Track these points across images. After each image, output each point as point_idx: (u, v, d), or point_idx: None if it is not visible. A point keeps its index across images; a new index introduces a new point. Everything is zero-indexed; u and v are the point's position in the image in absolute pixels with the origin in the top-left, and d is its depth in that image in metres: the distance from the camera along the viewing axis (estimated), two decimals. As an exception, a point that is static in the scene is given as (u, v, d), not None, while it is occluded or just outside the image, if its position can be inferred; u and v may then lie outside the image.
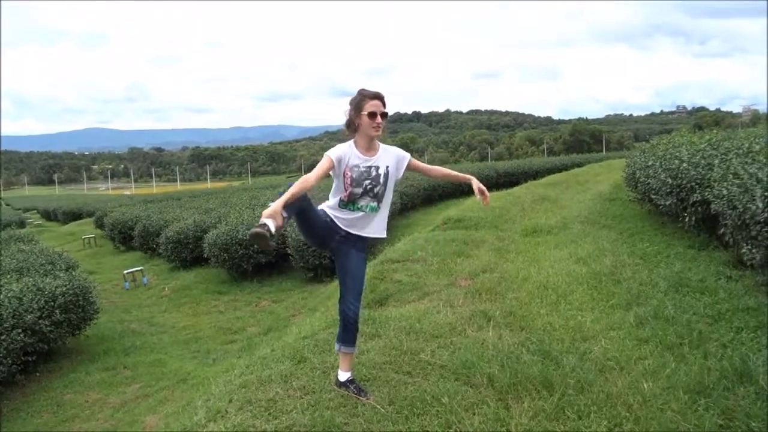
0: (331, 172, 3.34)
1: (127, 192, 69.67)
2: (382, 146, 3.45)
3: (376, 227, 3.47)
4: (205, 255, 13.00)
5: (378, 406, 3.29)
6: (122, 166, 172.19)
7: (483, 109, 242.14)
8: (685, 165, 6.75)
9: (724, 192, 5.31)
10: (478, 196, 3.50)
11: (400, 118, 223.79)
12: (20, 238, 15.78)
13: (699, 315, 4.45)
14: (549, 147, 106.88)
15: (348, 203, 3.36)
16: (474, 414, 3.19)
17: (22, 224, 33.67)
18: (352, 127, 3.35)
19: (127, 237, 19.08)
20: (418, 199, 20.77)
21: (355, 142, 3.38)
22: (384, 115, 3.33)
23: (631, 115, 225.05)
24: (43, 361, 8.23)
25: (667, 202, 7.05)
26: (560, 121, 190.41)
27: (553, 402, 3.26)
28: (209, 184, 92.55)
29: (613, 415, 3.13)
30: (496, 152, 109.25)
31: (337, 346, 3.52)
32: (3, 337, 6.95)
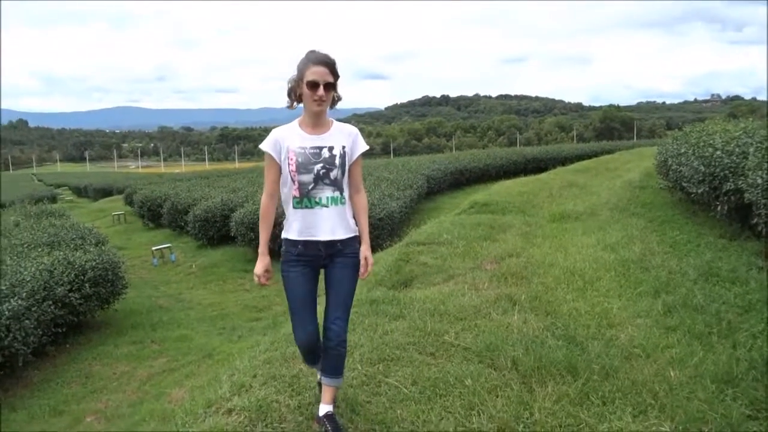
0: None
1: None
2: (335, 123, 2.85)
3: (347, 225, 2.84)
4: (232, 234, 13.13)
5: (401, 386, 3.31)
6: (152, 144, 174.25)
7: (513, 94, 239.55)
8: (718, 153, 6.59)
9: (759, 181, 5.19)
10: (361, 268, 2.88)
11: (428, 101, 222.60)
12: (52, 213, 16.11)
13: (729, 305, 4.38)
14: (579, 133, 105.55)
15: (303, 198, 2.75)
16: (497, 396, 3.19)
17: (53, 199, 34.47)
18: (292, 97, 2.78)
19: (156, 214, 19.34)
20: (444, 183, 20.72)
21: (299, 120, 2.82)
22: (330, 85, 2.69)
23: (663, 102, 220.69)
24: (73, 333, 8.42)
25: (699, 191, 6.91)
26: (591, 108, 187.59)
27: (578, 387, 3.24)
28: (237, 164, 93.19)
29: (638, 402, 3.10)
30: (525, 138, 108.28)
31: (318, 375, 2.99)
32: (34, 309, 7.11)
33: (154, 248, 14.71)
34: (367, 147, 2.91)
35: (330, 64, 2.68)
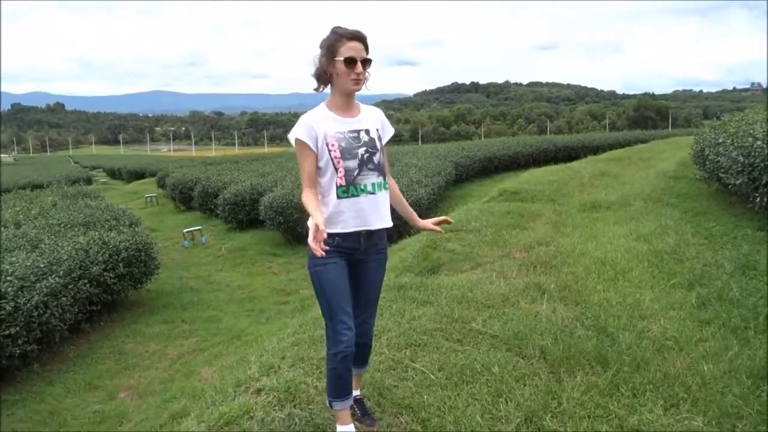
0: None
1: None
2: (362, 105, 2.66)
3: (389, 212, 2.64)
4: (261, 217, 13.24)
5: (427, 372, 3.30)
6: (183, 128, 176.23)
7: (543, 81, 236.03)
8: (759, 143, 6.41)
9: (802, 172, 5.04)
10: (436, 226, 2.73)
11: (458, 88, 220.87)
12: (87, 194, 16.45)
13: (766, 299, 4.27)
14: (611, 122, 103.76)
15: (349, 187, 2.49)
16: (525, 385, 3.17)
17: (89, 181, 35.21)
18: (323, 79, 2.53)
19: (187, 197, 19.58)
20: (473, 170, 20.56)
21: (327, 104, 2.58)
22: (367, 62, 2.49)
23: (700, 91, 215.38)
24: (107, 311, 8.63)
25: (737, 182, 6.74)
26: (624, 96, 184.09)
27: (607, 378, 3.20)
28: (266, 149, 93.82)
29: (669, 395, 3.05)
30: (556, 126, 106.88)
31: (337, 407, 2.65)
32: (71, 287, 7.30)
33: (185, 230, 14.91)
34: (393, 130, 2.74)
35: (363, 39, 2.49)
